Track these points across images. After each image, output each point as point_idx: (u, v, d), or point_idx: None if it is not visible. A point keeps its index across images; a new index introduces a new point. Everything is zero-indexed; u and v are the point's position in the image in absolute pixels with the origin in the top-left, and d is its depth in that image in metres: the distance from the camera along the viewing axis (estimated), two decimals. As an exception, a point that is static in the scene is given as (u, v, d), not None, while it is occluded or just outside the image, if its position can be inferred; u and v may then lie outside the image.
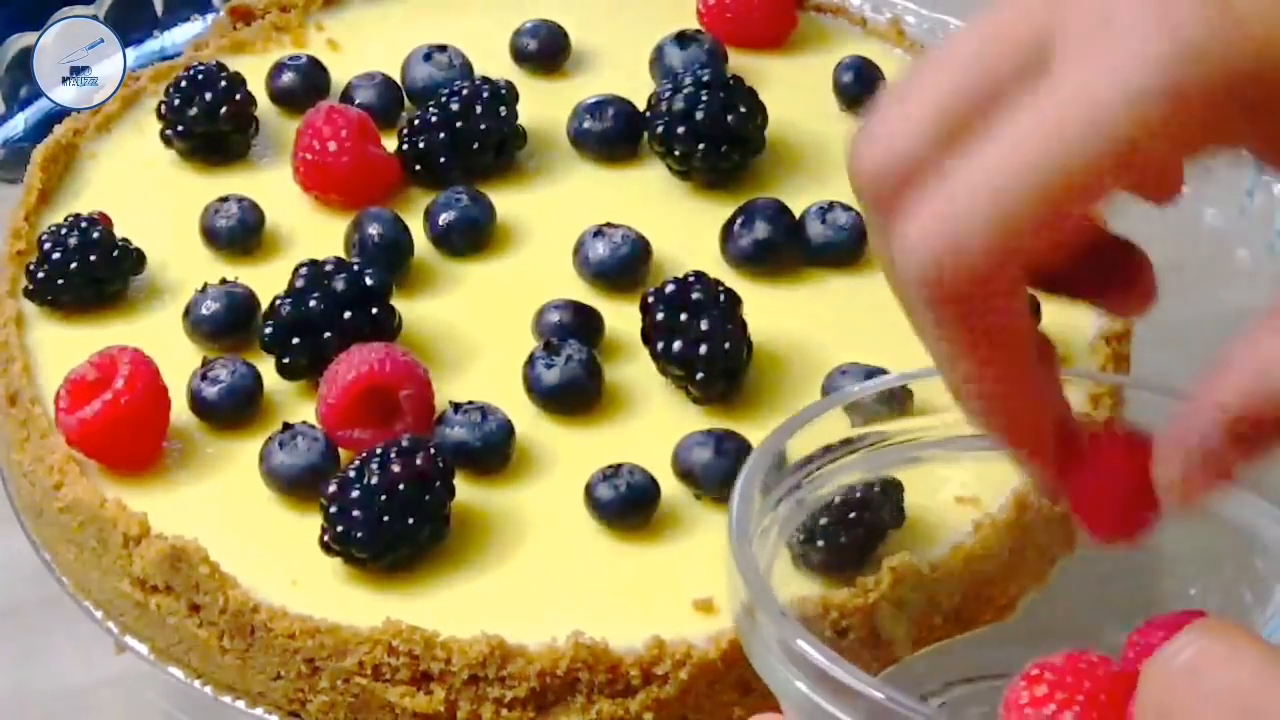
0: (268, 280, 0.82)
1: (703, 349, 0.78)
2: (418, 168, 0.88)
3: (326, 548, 0.73)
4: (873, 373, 0.78)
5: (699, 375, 0.79)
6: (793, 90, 0.93)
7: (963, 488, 0.74)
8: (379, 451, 0.74)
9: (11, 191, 0.90)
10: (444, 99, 0.88)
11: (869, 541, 0.72)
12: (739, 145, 0.88)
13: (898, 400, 0.68)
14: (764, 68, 0.94)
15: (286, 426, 0.77)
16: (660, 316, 0.79)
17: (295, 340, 0.79)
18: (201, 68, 0.90)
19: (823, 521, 0.69)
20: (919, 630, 0.71)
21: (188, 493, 0.77)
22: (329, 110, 0.88)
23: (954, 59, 0.58)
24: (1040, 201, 0.56)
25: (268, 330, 0.80)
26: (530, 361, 0.79)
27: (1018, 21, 0.57)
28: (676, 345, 0.78)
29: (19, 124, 0.99)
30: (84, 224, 0.83)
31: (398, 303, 0.81)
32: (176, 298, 0.84)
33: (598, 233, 0.84)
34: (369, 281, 0.80)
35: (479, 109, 0.88)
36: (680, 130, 0.87)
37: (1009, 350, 0.60)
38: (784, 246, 0.85)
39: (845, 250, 0.85)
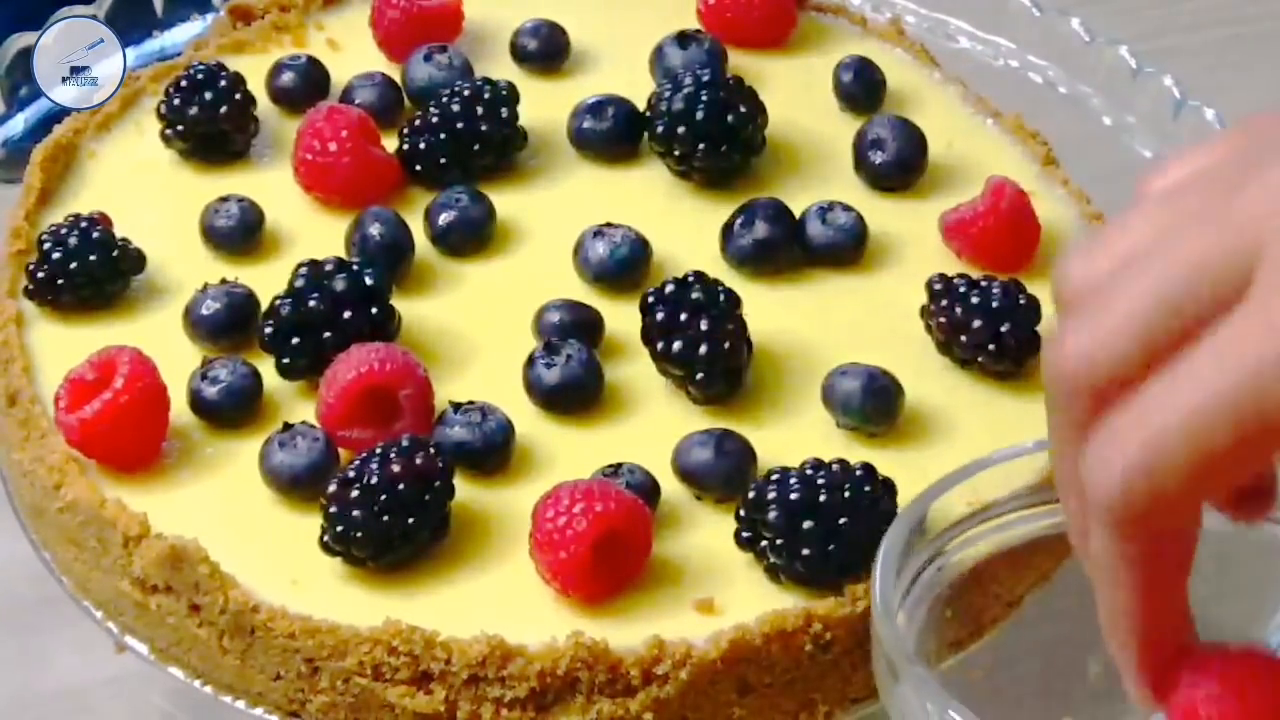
0: (268, 280, 0.82)
1: (703, 349, 0.78)
2: (418, 168, 0.88)
3: (326, 548, 0.73)
4: (872, 375, 0.78)
5: (699, 375, 0.78)
6: (793, 90, 0.93)
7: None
8: (379, 451, 0.74)
9: (11, 191, 0.90)
10: (444, 99, 0.88)
11: None
12: (739, 145, 0.88)
13: None
14: (764, 68, 0.94)
15: (286, 426, 0.77)
16: (660, 316, 0.79)
17: (295, 340, 0.79)
18: (201, 68, 0.90)
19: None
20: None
21: (188, 493, 0.77)
22: (329, 110, 0.88)
23: (1155, 268, 0.57)
24: (1238, 438, 0.55)
25: (268, 330, 0.80)
26: (530, 361, 0.79)
27: (1220, 235, 0.56)
28: (676, 345, 0.78)
29: (19, 124, 0.99)
30: (84, 224, 0.83)
31: (398, 303, 0.81)
32: (176, 298, 0.84)
33: (598, 233, 0.84)
34: (369, 281, 0.80)
35: (479, 109, 0.88)
36: (680, 130, 0.87)
37: (1172, 574, 0.60)
38: (784, 246, 0.85)
39: (845, 250, 0.85)
